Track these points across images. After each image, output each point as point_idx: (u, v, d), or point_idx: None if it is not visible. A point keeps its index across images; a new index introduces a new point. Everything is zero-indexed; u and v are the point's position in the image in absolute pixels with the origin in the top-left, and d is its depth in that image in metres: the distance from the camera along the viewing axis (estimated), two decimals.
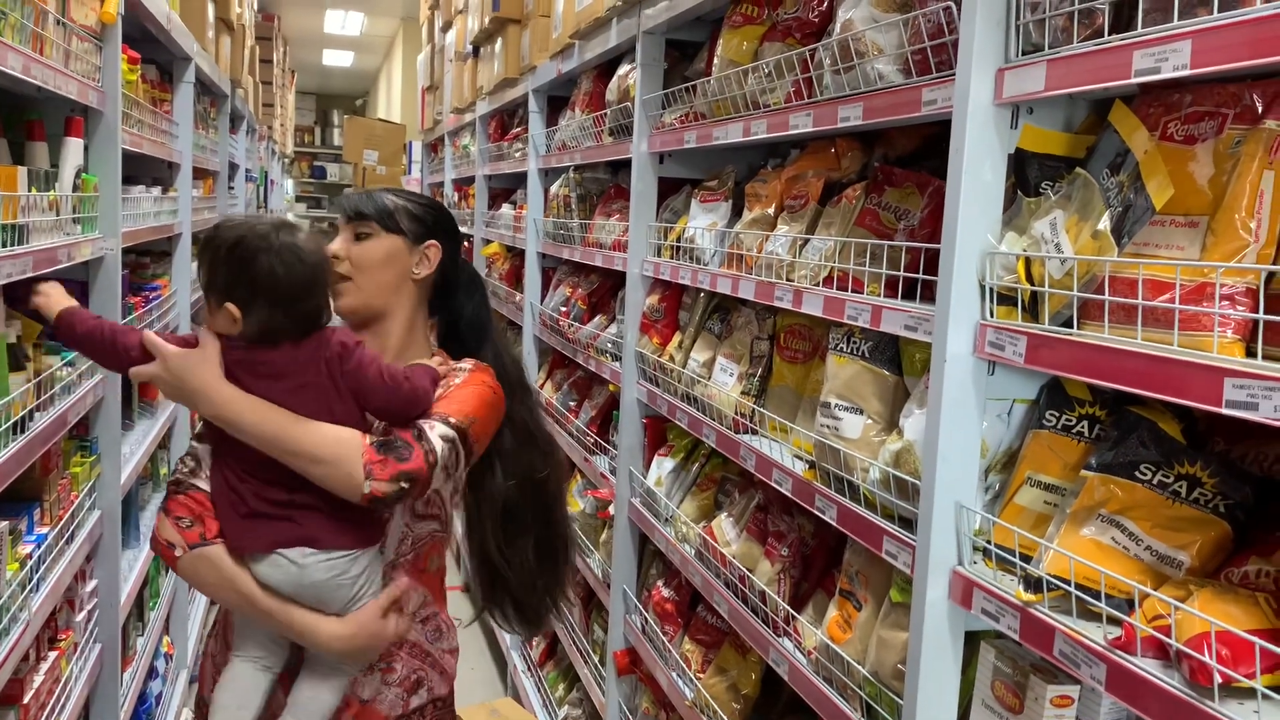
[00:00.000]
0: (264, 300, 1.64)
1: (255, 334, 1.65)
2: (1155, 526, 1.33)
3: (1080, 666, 1.27)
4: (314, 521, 1.64)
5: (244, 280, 1.64)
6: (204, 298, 1.71)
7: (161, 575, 3.85)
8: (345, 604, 1.67)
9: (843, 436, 1.85)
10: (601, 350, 3.40)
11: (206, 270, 1.68)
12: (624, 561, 3.09)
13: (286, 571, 1.64)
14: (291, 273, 1.65)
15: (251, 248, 1.65)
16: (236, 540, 1.67)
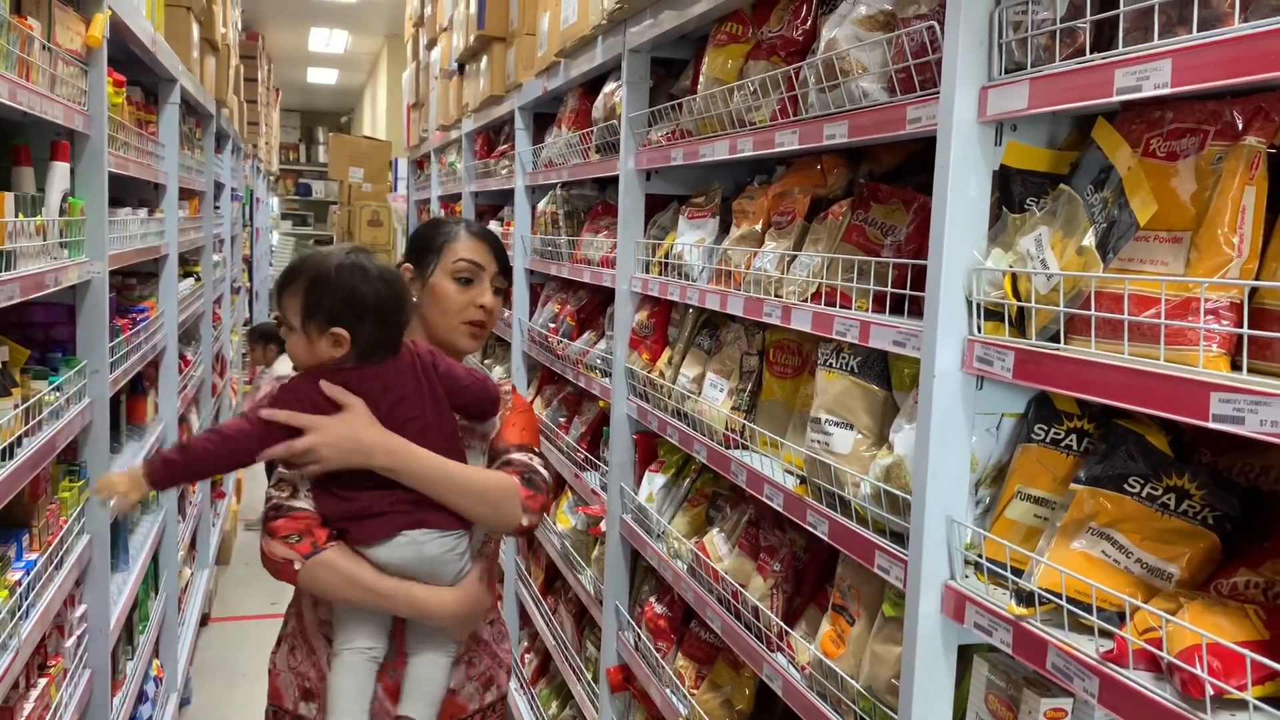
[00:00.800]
0: (371, 319, 1.82)
1: (365, 352, 1.83)
2: (1145, 539, 1.35)
3: (1073, 679, 1.28)
4: (424, 509, 1.84)
5: (351, 304, 1.81)
6: (293, 330, 1.84)
7: (151, 598, 3.83)
8: (455, 576, 1.88)
9: (833, 451, 1.86)
10: (591, 366, 3.40)
11: (305, 301, 1.82)
12: (616, 578, 3.09)
13: (406, 551, 1.83)
14: (392, 291, 1.85)
15: (353, 273, 1.82)
16: (362, 533, 1.84)
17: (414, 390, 1.87)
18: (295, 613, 2.03)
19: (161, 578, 4.05)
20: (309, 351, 1.84)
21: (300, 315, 1.82)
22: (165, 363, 4.06)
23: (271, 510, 1.85)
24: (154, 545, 3.68)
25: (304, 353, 1.85)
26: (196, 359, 5.10)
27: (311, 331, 1.82)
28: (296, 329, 1.83)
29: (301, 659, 1.98)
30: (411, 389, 1.87)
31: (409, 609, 1.85)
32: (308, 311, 1.81)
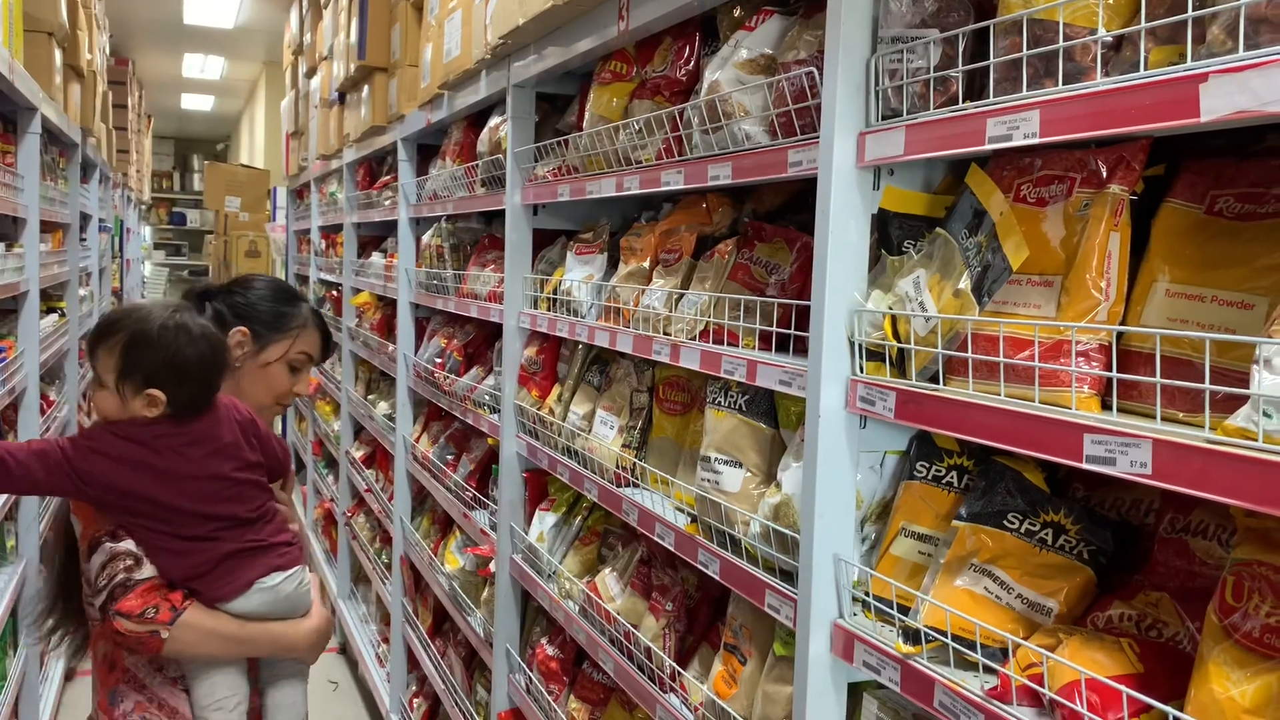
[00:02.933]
0: (192, 382, 1.81)
1: (178, 414, 1.81)
2: (1024, 575, 1.38)
3: (959, 718, 1.30)
4: (267, 553, 1.88)
5: (173, 365, 1.79)
6: (104, 388, 1.80)
7: (9, 656, 3.59)
8: (306, 606, 1.95)
9: (723, 490, 1.86)
10: (479, 403, 3.35)
11: (122, 360, 1.78)
12: (506, 619, 3.03)
13: (263, 598, 1.86)
14: (214, 354, 1.86)
15: (176, 334, 1.80)
16: (214, 591, 1.84)
17: (230, 445, 1.88)
18: (109, 662, 1.91)
19: (21, 632, 3.80)
20: (119, 409, 1.80)
21: (115, 373, 1.78)
22: (25, 404, 3.84)
23: (118, 589, 1.77)
24: (12, 599, 3.46)
25: (114, 410, 1.80)
26: (60, 398, 4.84)
27: (126, 391, 1.78)
28: (109, 386, 1.79)
29: (153, 711, 1.88)
30: (228, 439, 1.88)
31: (273, 649, 1.91)
32: (124, 371, 1.77)
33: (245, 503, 1.89)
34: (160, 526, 1.81)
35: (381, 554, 4.91)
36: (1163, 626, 1.26)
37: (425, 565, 3.93)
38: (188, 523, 1.82)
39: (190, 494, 1.82)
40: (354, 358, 5.63)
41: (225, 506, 1.85)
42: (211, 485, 1.84)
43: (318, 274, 6.66)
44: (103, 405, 1.81)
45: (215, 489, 1.85)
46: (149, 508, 1.80)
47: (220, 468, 1.85)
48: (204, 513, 1.83)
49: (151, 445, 1.80)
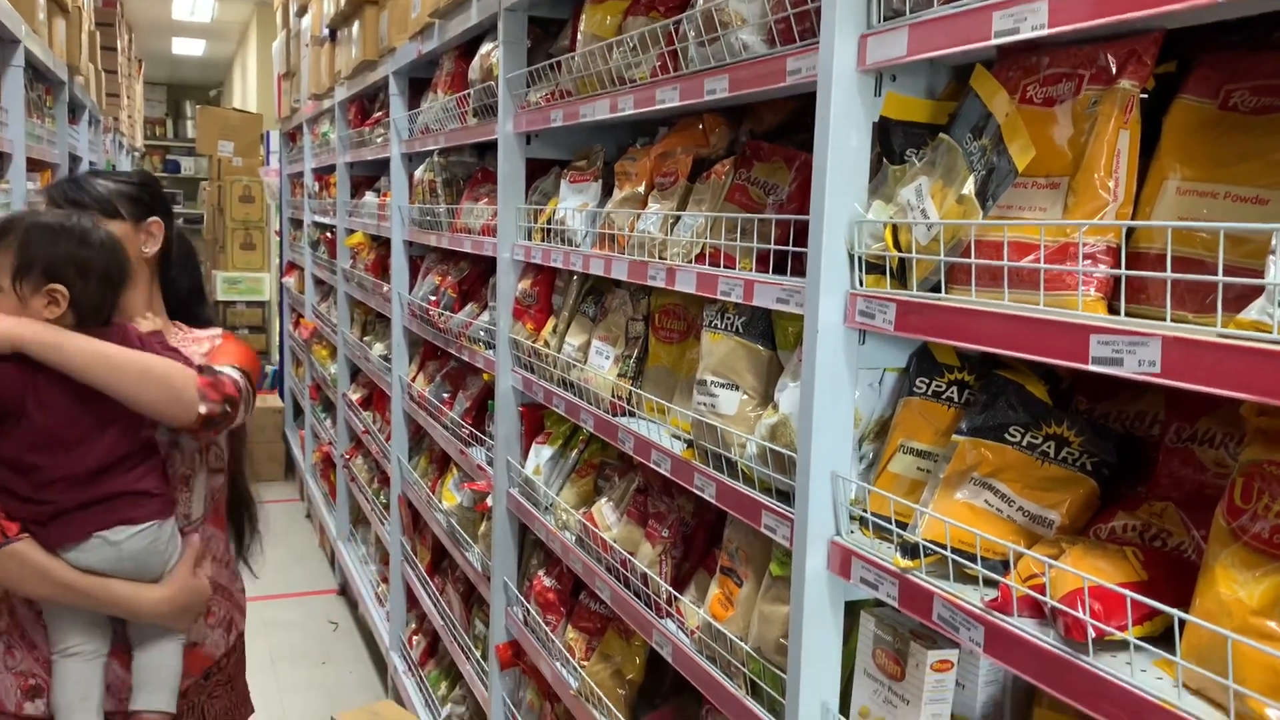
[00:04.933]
0: (96, 278, 1.69)
1: (86, 314, 1.69)
2: (1026, 488, 1.35)
3: (959, 629, 1.28)
4: (122, 502, 1.71)
5: (75, 259, 1.66)
6: (2, 292, 1.66)
7: None
8: (161, 569, 1.78)
9: (719, 413, 1.83)
10: (474, 339, 3.31)
11: (17, 258, 1.66)
12: (504, 553, 3.02)
13: (103, 553, 1.70)
14: (115, 254, 1.74)
15: (75, 229, 1.68)
16: (51, 538, 1.69)
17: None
18: (6, 609, 1.85)
19: None
20: (18, 313, 1.65)
21: (11, 272, 1.64)
22: None
23: None
24: None
25: (13, 315, 1.65)
26: None
27: (24, 289, 1.65)
28: (4, 289, 1.65)
29: (22, 657, 1.82)
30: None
31: (113, 608, 1.75)
32: (21, 267, 1.64)
33: (116, 439, 1.70)
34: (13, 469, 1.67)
35: (379, 494, 4.91)
36: (1167, 536, 1.23)
37: (423, 503, 3.92)
38: (35, 469, 1.66)
39: (57, 418, 1.65)
40: (349, 300, 5.58)
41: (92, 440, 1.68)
42: (83, 415, 1.67)
43: (311, 216, 6.59)
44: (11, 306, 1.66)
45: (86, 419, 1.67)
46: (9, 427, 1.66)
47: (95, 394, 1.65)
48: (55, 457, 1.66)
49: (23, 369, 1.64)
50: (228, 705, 2.03)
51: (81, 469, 1.68)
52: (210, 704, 1.98)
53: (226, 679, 2.03)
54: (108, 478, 1.70)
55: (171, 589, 1.78)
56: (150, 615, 1.76)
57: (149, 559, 1.75)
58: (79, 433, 1.68)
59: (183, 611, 1.81)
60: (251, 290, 9.12)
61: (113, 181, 1.92)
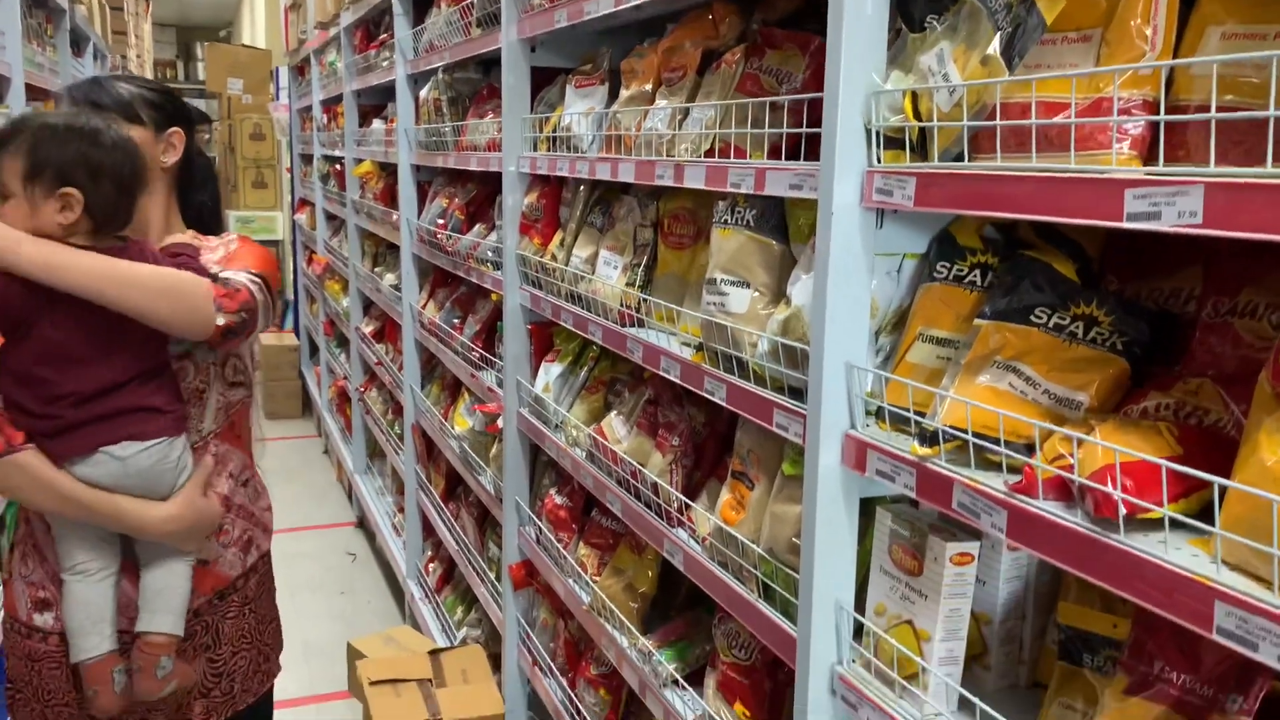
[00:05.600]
0: (109, 182, 1.61)
1: (100, 221, 1.62)
2: (1052, 370, 1.28)
3: (980, 516, 1.21)
4: (130, 418, 1.65)
5: (87, 161, 1.59)
6: (10, 197, 1.59)
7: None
8: (171, 487, 1.73)
9: (729, 312, 1.76)
10: (482, 260, 3.24)
11: (28, 161, 1.58)
12: (515, 473, 2.98)
13: (109, 468, 1.63)
14: (131, 158, 1.65)
15: (89, 130, 1.61)
16: (58, 449, 1.62)
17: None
18: (23, 518, 1.83)
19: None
20: (30, 220, 1.58)
21: (22, 176, 1.57)
22: None
23: None
24: None
25: (24, 223, 1.58)
26: None
27: (36, 193, 1.58)
28: (16, 194, 1.58)
29: (34, 567, 1.79)
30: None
31: (118, 525, 1.70)
32: (33, 170, 1.57)
33: (130, 355, 1.66)
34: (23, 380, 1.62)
35: (394, 425, 4.88)
36: (1203, 414, 1.16)
37: (436, 430, 3.88)
38: (44, 384, 1.61)
39: (68, 333, 1.60)
40: (360, 232, 5.51)
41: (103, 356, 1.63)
42: (95, 330, 1.61)
43: (320, 150, 6.50)
44: (11, 221, 1.58)
45: (98, 335, 1.62)
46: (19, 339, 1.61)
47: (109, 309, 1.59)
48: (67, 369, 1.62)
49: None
50: (248, 628, 1.94)
51: (91, 385, 1.63)
52: (226, 624, 1.91)
53: (245, 600, 1.94)
54: (117, 394, 1.65)
55: (180, 507, 1.73)
56: (157, 533, 1.72)
57: (157, 476, 1.70)
58: (90, 348, 1.62)
59: (191, 531, 1.76)
60: (264, 229, 9.06)
61: (136, 85, 1.84)
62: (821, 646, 1.51)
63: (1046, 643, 1.45)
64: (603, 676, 2.48)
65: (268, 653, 2.00)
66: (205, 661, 1.87)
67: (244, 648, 1.93)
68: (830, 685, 1.52)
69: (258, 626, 1.97)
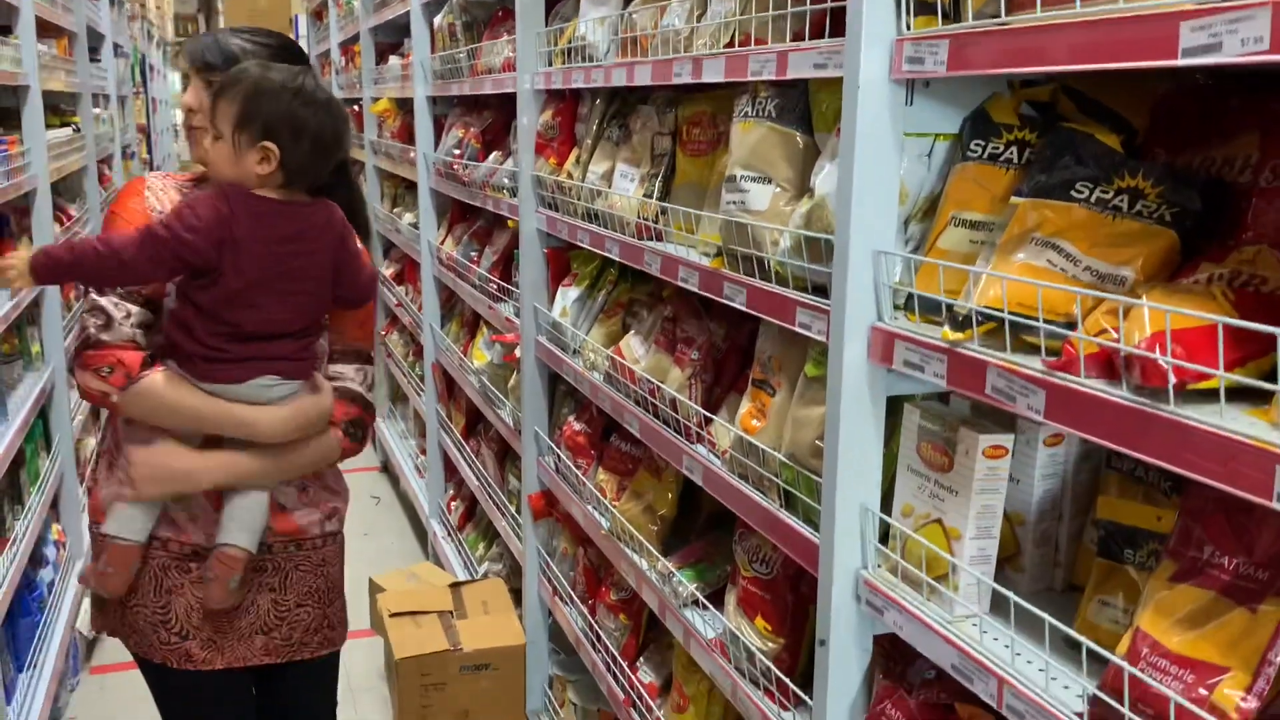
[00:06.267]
0: (308, 143, 1.70)
1: (291, 176, 1.71)
2: (1095, 246, 1.19)
3: (1016, 399, 1.13)
4: (282, 364, 1.77)
5: (291, 121, 1.68)
6: (220, 138, 1.70)
7: (41, 457, 3.59)
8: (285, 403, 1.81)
9: (750, 210, 1.67)
10: (498, 187, 3.16)
11: (242, 108, 1.68)
12: (534, 402, 2.92)
13: (250, 392, 1.75)
14: (334, 122, 1.74)
15: (299, 92, 1.70)
16: (212, 373, 1.74)
17: (313, 249, 1.76)
18: (111, 428, 1.90)
19: (55, 438, 3.79)
20: (233, 164, 1.70)
21: (233, 123, 1.69)
22: (37, 210, 3.72)
23: (86, 342, 1.75)
24: (39, 401, 3.42)
25: (227, 164, 1.71)
26: (81, 215, 4.72)
27: (241, 141, 1.69)
28: (225, 136, 1.70)
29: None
30: (312, 246, 1.76)
31: (234, 430, 1.78)
32: (242, 119, 1.68)
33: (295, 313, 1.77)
34: (207, 298, 1.71)
35: (415, 367, 4.84)
36: (1260, 282, 1.07)
37: (456, 368, 3.83)
38: (232, 306, 1.71)
39: (248, 284, 1.70)
40: (378, 173, 5.45)
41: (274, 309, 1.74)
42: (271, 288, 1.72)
43: (339, 92, 6.42)
44: (217, 158, 1.71)
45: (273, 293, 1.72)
46: (207, 283, 1.70)
47: (290, 266, 1.72)
48: (251, 303, 1.72)
49: (249, 218, 1.68)
50: (317, 588, 1.98)
51: (259, 329, 1.74)
52: (296, 575, 1.94)
53: (320, 562, 1.98)
54: (279, 342, 1.76)
55: (289, 410, 1.79)
56: (268, 434, 1.78)
57: (282, 401, 1.79)
58: (264, 301, 1.73)
59: (302, 427, 1.81)
60: None
61: (249, 41, 1.88)
62: (845, 551, 1.45)
63: (1084, 543, 1.38)
64: (622, 602, 2.43)
65: (333, 620, 2.03)
66: (271, 603, 1.92)
67: (310, 603, 1.97)
68: (855, 591, 1.45)
69: (327, 592, 2.01)
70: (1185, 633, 1.01)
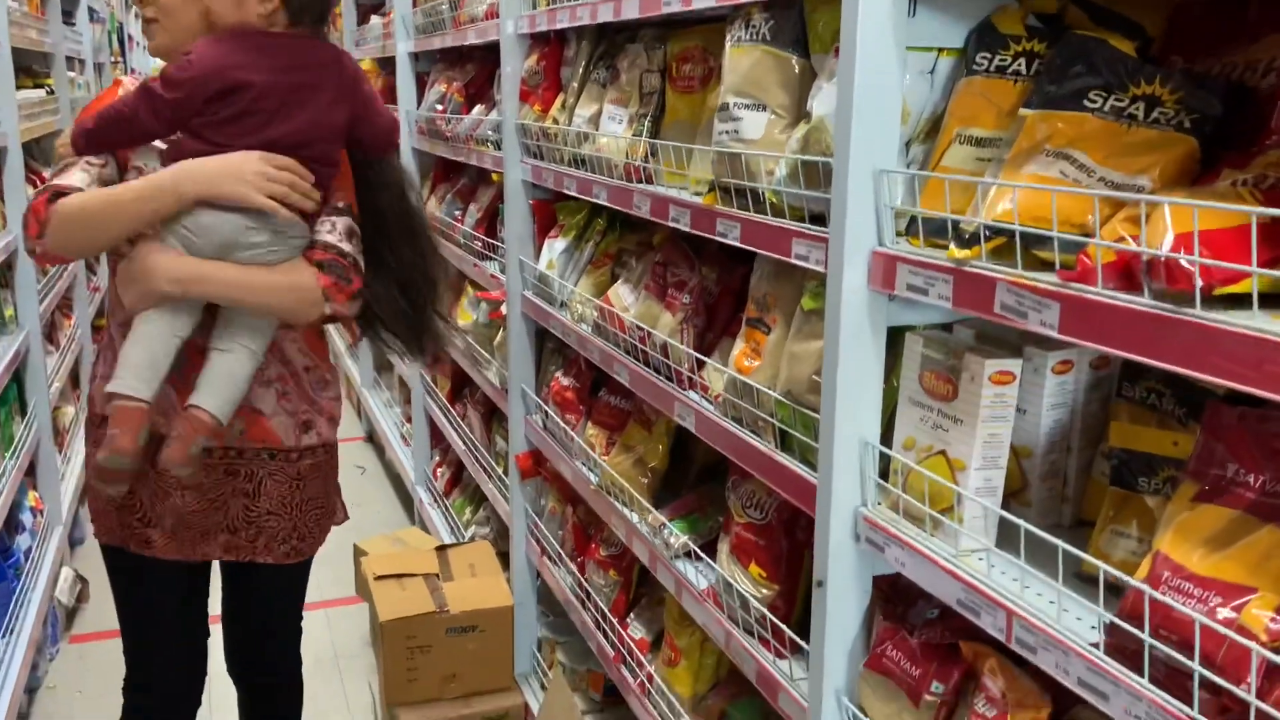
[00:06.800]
0: None
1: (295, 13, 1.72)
2: (1109, 156, 1.13)
3: (1028, 315, 1.07)
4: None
5: None
6: None
7: (14, 421, 3.50)
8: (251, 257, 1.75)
9: (743, 139, 1.60)
10: (482, 141, 3.08)
11: None
12: (520, 359, 2.85)
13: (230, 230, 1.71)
14: None
15: None
16: None
17: (319, 84, 1.74)
18: (109, 326, 1.91)
19: (30, 403, 3.71)
20: (235, 7, 1.71)
21: None
22: (8, 169, 3.62)
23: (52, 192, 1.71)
24: (12, 363, 3.33)
25: (230, 9, 1.71)
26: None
27: None
28: None
29: (112, 366, 1.80)
30: (316, 81, 1.74)
31: (158, 194, 1.69)
32: None
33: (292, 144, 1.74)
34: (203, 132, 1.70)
35: None
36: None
37: None
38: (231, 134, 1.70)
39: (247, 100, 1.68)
40: None
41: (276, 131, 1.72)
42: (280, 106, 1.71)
43: None
44: (217, 7, 1.71)
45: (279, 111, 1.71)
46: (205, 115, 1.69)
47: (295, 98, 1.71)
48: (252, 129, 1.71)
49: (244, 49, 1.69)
50: (290, 501, 1.95)
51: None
52: (269, 483, 1.92)
53: (295, 475, 1.95)
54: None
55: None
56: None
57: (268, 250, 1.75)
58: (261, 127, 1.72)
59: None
60: None
61: None
62: (844, 488, 1.39)
63: (1094, 476, 1.32)
64: (612, 558, 2.38)
65: (304, 534, 2.00)
66: (242, 507, 1.91)
67: (282, 513, 1.95)
68: (854, 529, 1.39)
69: (301, 505, 1.98)
70: (1209, 554, 0.95)
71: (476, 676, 2.87)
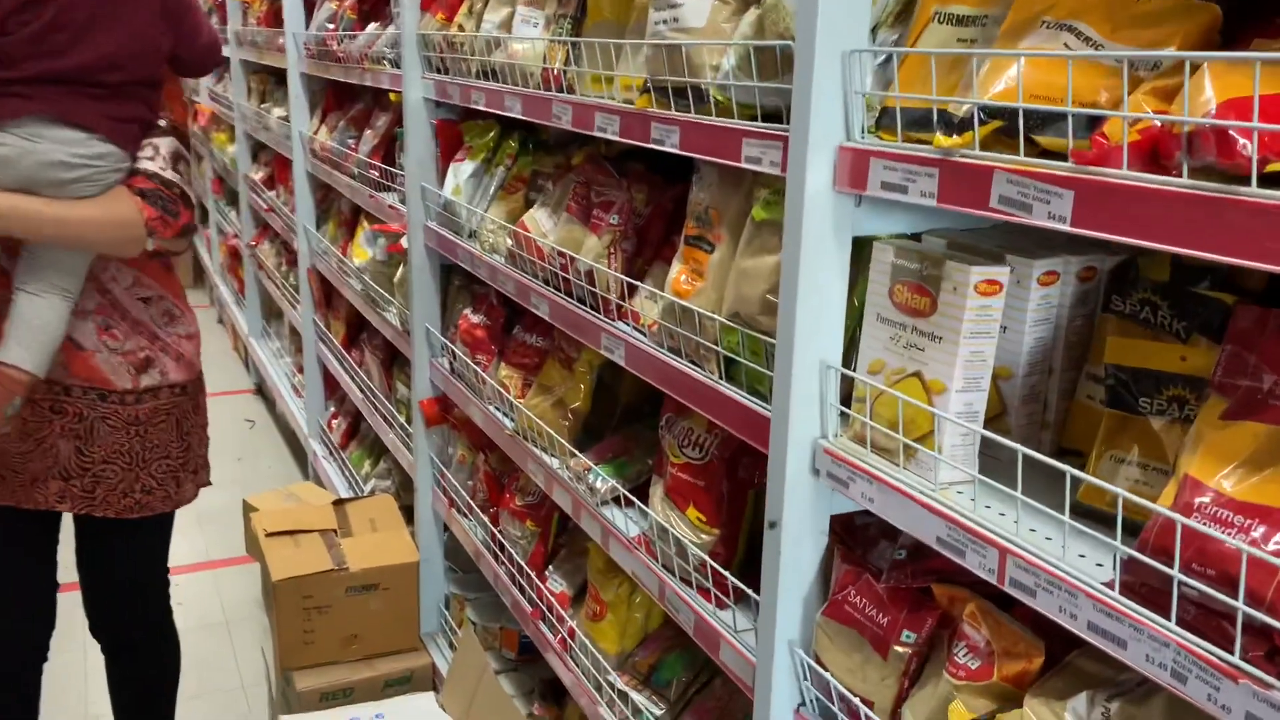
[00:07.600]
0: None
1: None
2: (1119, 28, 0.98)
3: (1033, 208, 0.93)
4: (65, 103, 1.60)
5: None
6: None
7: None
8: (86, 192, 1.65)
9: (685, 28, 1.42)
10: (378, 59, 2.82)
11: None
12: (424, 297, 2.63)
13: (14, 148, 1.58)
14: None
15: None
16: None
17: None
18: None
19: None
20: None
21: None
22: None
23: None
24: None
25: None
26: None
27: None
28: None
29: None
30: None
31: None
32: None
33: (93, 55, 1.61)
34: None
35: (289, 277, 4.46)
36: None
37: (334, 272, 3.49)
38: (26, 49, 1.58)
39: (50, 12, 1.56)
40: (245, 66, 4.97)
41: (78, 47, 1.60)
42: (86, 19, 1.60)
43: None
44: None
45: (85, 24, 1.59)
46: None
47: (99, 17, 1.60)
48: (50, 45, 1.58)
49: None
50: (128, 448, 1.80)
51: (49, 70, 1.59)
52: (102, 427, 1.77)
53: (131, 420, 1.80)
54: (74, 90, 1.61)
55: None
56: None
57: (81, 174, 1.63)
58: (59, 40, 1.60)
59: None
60: None
61: None
62: (802, 418, 1.23)
63: (1078, 399, 1.19)
64: (529, 507, 2.20)
65: (151, 486, 1.84)
66: (74, 450, 1.79)
67: (119, 462, 1.80)
68: (812, 463, 1.24)
69: (142, 453, 1.83)
70: (1248, 477, 0.83)
71: (380, 637, 2.68)
